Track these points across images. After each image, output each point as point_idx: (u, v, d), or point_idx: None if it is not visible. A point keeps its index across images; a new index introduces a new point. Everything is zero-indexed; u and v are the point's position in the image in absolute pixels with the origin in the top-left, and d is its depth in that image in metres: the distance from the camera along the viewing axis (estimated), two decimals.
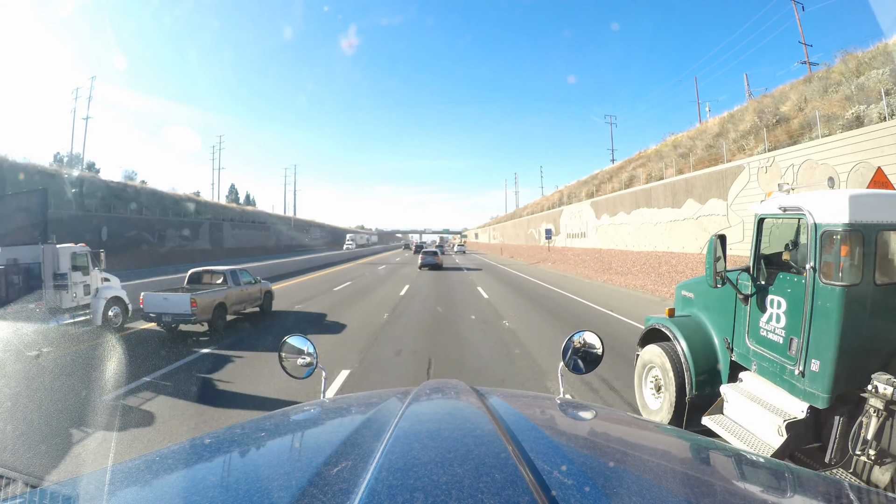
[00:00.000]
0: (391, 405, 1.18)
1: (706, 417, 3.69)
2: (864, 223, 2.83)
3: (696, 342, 4.08)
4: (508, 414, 1.08)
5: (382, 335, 8.64)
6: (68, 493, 0.82)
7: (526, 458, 0.79)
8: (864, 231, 2.83)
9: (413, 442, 0.90)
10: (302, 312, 11.60)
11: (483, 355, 7.33)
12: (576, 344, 1.83)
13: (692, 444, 1.14)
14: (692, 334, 4.14)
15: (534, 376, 6.14)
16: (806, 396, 3.02)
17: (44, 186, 12.84)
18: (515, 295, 15.38)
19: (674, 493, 0.79)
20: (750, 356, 3.56)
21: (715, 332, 4.09)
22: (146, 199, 40.86)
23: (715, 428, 3.54)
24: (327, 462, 0.80)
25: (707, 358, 4.01)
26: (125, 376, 5.82)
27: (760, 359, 3.44)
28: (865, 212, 2.84)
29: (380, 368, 6.51)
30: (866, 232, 2.83)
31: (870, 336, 2.87)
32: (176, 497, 0.77)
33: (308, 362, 1.85)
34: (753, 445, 3.21)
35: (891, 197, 3.13)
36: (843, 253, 2.83)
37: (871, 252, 2.83)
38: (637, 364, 4.72)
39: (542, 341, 8.19)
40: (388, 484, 0.69)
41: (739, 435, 3.35)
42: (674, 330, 4.22)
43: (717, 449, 1.13)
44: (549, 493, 0.67)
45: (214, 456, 0.99)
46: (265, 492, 0.74)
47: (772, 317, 3.33)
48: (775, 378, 3.28)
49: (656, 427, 1.34)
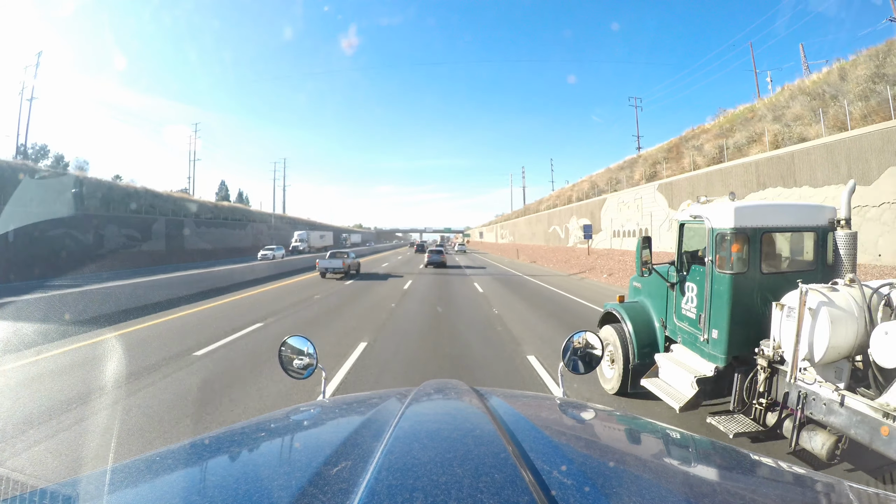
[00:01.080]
0: (391, 405, 1.18)
1: (644, 380, 4.67)
2: (748, 227, 3.82)
3: (639, 322, 5.07)
4: (508, 414, 1.08)
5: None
6: (68, 493, 0.81)
7: (526, 459, 0.79)
8: (749, 233, 3.83)
9: (413, 442, 0.89)
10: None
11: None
12: (575, 344, 1.84)
13: (692, 444, 1.14)
14: (636, 316, 5.14)
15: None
16: (711, 358, 4.00)
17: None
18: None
19: (674, 493, 0.79)
20: (677, 331, 4.59)
21: (654, 314, 5.07)
22: (94, 191, 33.05)
23: (650, 388, 4.50)
24: (327, 462, 0.80)
25: (647, 334, 5.00)
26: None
27: (683, 332, 4.47)
28: (748, 219, 3.83)
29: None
30: (751, 234, 3.83)
31: (757, 312, 3.78)
32: (176, 497, 0.77)
33: (308, 362, 1.85)
34: (676, 398, 4.10)
35: (771, 207, 4.37)
36: (734, 249, 3.82)
37: (756, 248, 3.84)
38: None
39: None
40: (387, 484, 0.69)
41: (667, 391, 4.28)
42: (622, 313, 5.23)
43: (717, 449, 1.10)
44: (549, 493, 0.67)
45: (214, 456, 0.99)
46: (265, 492, 0.73)
47: (689, 299, 4.36)
48: (692, 346, 4.28)
49: (656, 427, 1.27)
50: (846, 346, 2.99)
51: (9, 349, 7.40)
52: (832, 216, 3.98)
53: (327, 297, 14.21)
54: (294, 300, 13.52)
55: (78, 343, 7.93)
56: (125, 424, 4.46)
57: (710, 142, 20.51)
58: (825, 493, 0.87)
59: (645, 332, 4.97)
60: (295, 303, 12.96)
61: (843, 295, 3.11)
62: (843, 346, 2.99)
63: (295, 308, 12.01)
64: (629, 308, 5.24)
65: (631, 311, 5.17)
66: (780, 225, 4.02)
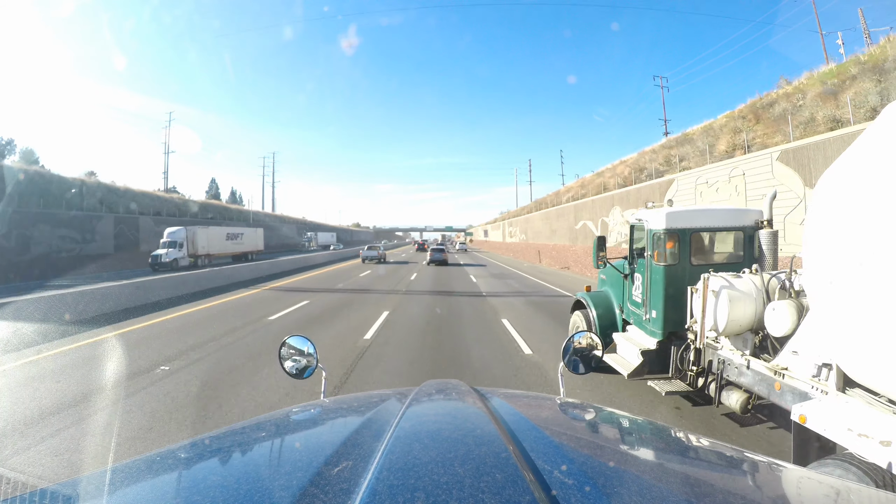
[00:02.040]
0: (391, 405, 1.18)
1: (605, 355, 5.12)
2: (677, 228, 4.70)
3: (602, 308, 6.01)
4: (509, 414, 1.09)
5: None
6: (68, 493, 0.81)
7: (526, 458, 0.79)
8: (679, 233, 4.70)
9: (413, 442, 0.89)
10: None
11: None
12: (576, 345, 1.85)
13: (692, 444, 1.14)
14: (599, 303, 6.08)
15: None
16: (652, 334, 4.88)
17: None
18: None
19: (674, 493, 0.79)
20: (630, 314, 5.50)
21: (615, 301, 5.97)
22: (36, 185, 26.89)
23: (609, 361, 5.19)
24: (328, 462, 0.80)
25: (608, 318, 5.92)
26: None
27: (633, 314, 5.37)
28: (678, 221, 4.72)
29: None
30: (681, 233, 4.71)
31: (686, 297, 4.35)
32: (176, 497, 0.76)
33: (308, 363, 1.85)
34: (626, 368, 4.93)
35: (699, 211, 5.04)
36: (667, 246, 4.69)
37: (686, 245, 4.71)
38: (570, 324, 6.71)
39: None
40: (388, 484, 0.69)
41: (620, 363, 5.11)
42: (587, 301, 6.21)
43: (718, 449, 1.10)
44: (550, 492, 0.67)
45: (214, 456, 0.99)
46: (266, 492, 0.73)
47: (637, 286, 5.24)
48: (640, 325, 5.16)
49: (657, 427, 1.29)
50: (747, 321, 3.70)
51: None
52: (758, 217, 4.72)
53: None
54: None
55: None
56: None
57: (816, 102, 15.41)
58: (825, 493, 0.87)
59: (606, 316, 5.94)
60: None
61: (746, 280, 3.83)
62: (743, 321, 3.70)
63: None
64: (594, 296, 6.25)
65: (595, 298, 6.19)
66: (708, 226, 4.94)
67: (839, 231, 2.30)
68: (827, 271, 2.38)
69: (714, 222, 4.90)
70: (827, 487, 0.90)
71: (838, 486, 0.89)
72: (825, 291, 2.43)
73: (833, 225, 2.35)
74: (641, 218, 5.20)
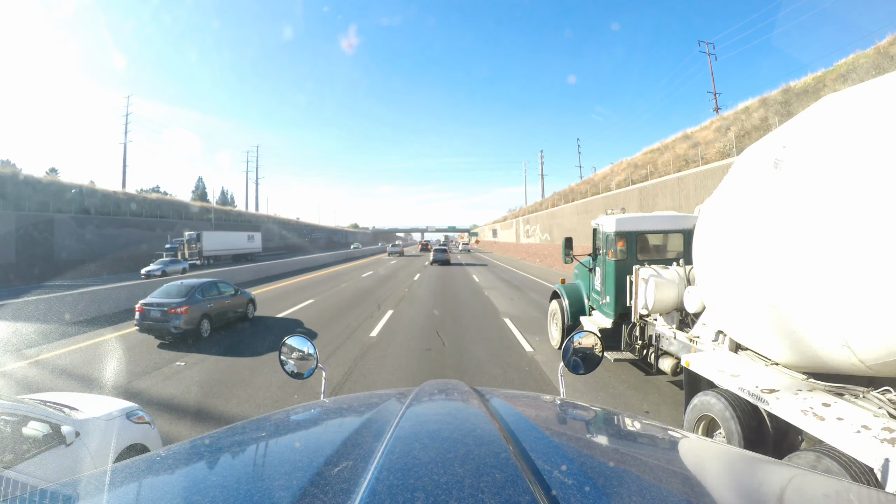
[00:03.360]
0: (391, 406, 1.18)
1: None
2: (625, 231, 5.99)
3: (573, 297, 7.41)
4: (509, 414, 1.08)
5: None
6: (68, 493, 0.80)
7: (526, 458, 0.79)
8: (627, 235, 5.98)
9: (413, 442, 0.89)
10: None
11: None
12: (576, 345, 1.86)
13: (692, 444, 1.13)
14: (570, 293, 7.50)
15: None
16: (607, 315, 6.16)
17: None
18: None
19: (674, 493, 0.79)
20: (594, 301, 6.84)
21: (583, 291, 7.34)
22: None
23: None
24: (328, 462, 0.80)
25: (578, 305, 7.30)
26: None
27: (595, 301, 6.76)
28: (626, 226, 6.01)
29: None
30: (628, 235, 5.98)
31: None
32: (176, 497, 0.76)
33: (308, 363, 1.85)
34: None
35: (644, 217, 6.39)
36: (618, 245, 5.96)
37: (633, 244, 5.97)
38: (548, 311, 8.40)
39: None
40: (388, 483, 0.68)
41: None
42: (561, 291, 7.70)
43: (717, 449, 1.10)
44: (550, 492, 0.66)
45: (214, 456, 0.99)
46: (266, 492, 0.73)
47: (597, 278, 6.57)
48: (600, 309, 6.53)
49: (656, 427, 1.27)
50: (671, 302, 4.88)
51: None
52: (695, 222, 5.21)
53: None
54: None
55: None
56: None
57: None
58: (825, 493, 0.86)
59: (576, 304, 7.32)
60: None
61: (672, 271, 5.09)
62: (668, 301, 4.88)
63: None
64: (566, 287, 7.69)
65: (567, 289, 7.62)
66: (652, 229, 6.21)
67: (709, 241, 3.50)
68: (708, 268, 3.59)
69: (658, 226, 6.28)
70: (826, 487, 0.89)
71: (837, 486, 0.89)
72: (708, 281, 3.65)
73: (706, 237, 3.57)
74: (600, 222, 6.67)
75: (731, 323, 3.47)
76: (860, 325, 2.32)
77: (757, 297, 2.91)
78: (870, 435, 2.29)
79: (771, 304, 2.80)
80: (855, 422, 2.43)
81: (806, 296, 2.54)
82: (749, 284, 2.95)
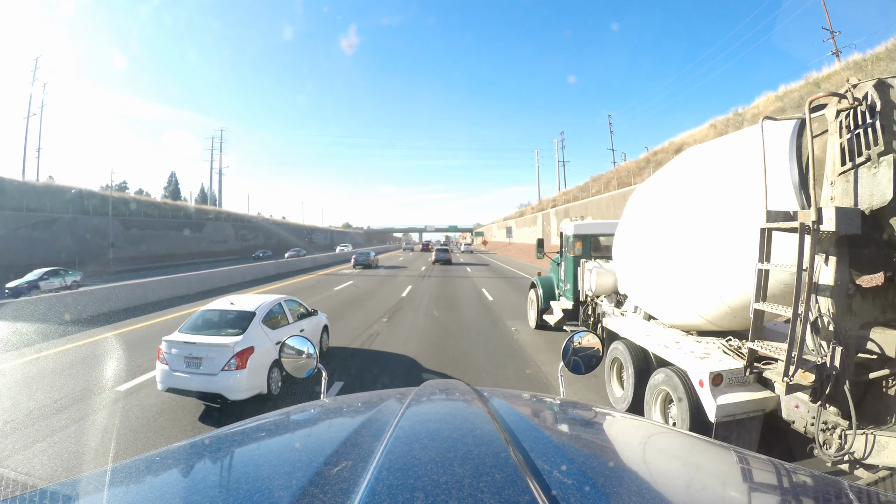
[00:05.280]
0: (391, 405, 1.17)
1: (545, 315, 8.96)
2: (583, 234, 7.95)
3: (545, 286, 9.24)
4: (508, 414, 1.08)
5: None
6: (68, 493, 0.80)
7: (526, 458, 0.78)
8: (583, 237, 7.90)
9: (413, 442, 0.89)
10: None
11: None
12: (576, 345, 1.87)
13: (692, 444, 1.13)
14: (544, 283, 9.30)
15: None
16: (568, 299, 7.99)
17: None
18: None
19: (674, 493, 0.78)
20: (561, 289, 8.59)
21: (554, 281, 9.10)
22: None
23: (547, 319, 8.82)
24: (328, 462, 0.79)
25: (549, 292, 9.17)
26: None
27: (561, 288, 8.61)
28: (582, 230, 8.06)
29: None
30: (584, 238, 7.89)
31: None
32: (176, 497, 0.76)
33: (308, 363, 1.85)
34: (552, 320, 8.51)
35: (597, 223, 8.56)
36: (576, 245, 7.83)
37: (587, 244, 7.83)
38: (528, 299, 10.31)
39: None
40: (388, 483, 0.68)
41: (550, 318, 8.64)
42: (536, 282, 9.56)
43: (717, 449, 1.10)
44: (550, 492, 0.66)
45: (214, 456, 0.98)
46: (266, 491, 0.73)
47: (563, 271, 8.39)
48: (565, 294, 8.32)
49: (656, 427, 1.29)
50: (610, 286, 6.58)
51: None
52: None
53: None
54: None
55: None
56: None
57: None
58: (825, 493, 0.86)
59: (548, 292, 9.16)
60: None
61: (610, 263, 6.53)
62: (607, 286, 6.62)
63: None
64: (541, 279, 9.44)
65: (542, 280, 9.39)
66: (601, 233, 8.00)
67: (620, 245, 5.50)
68: (621, 264, 5.54)
69: (604, 231, 7.99)
70: (826, 487, 0.89)
71: (838, 486, 0.88)
72: (622, 273, 5.56)
73: (618, 242, 5.60)
74: (563, 228, 8.79)
75: (638, 299, 5.36)
76: (702, 299, 3.92)
77: (646, 283, 4.89)
78: (693, 356, 3.75)
79: (654, 287, 4.71)
80: (687, 350, 3.91)
81: (670, 283, 4.31)
82: (641, 275, 4.98)
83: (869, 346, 2.70)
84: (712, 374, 3.35)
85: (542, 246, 9.92)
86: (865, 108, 2.55)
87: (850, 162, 2.61)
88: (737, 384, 3.40)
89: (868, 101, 2.54)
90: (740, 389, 3.38)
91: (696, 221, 3.80)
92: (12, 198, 29.45)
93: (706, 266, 3.71)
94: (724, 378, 3.37)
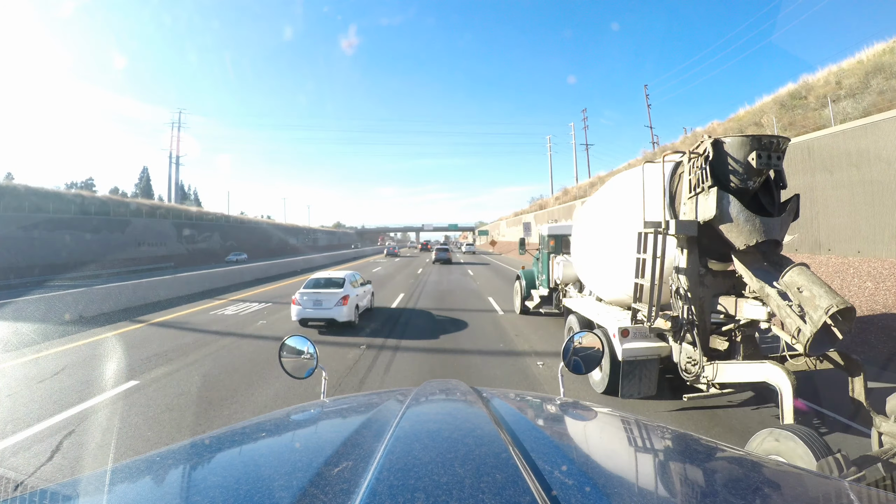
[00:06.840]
0: (391, 405, 1.18)
1: (527, 302, 10.88)
2: (555, 234, 10.13)
3: (527, 278, 10.99)
4: (509, 414, 1.08)
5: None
6: (68, 493, 0.80)
7: (527, 458, 0.78)
8: (556, 237, 10.06)
9: (414, 442, 0.89)
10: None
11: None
12: (576, 345, 1.86)
13: (692, 444, 1.13)
14: (526, 275, 11.06)
15: None
16: (545, 287, 9.99)
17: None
18: None
19: (674, 493, 0.79)
20: (540, 279, 10.33)
21: (536, 274, 10.72)
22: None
23: (528, 305, 10.82)
24: (328, 462, 0.80)
25: (530, 283, 10.88)
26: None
27: (540, 279, 10.32)
28: (555, 231, 10.25)
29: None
30: (556, 237, 10.04)
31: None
32: (176, 497, 0.76)
33: (308, 363, 1.85)
34: (532, 305, 10.64)
35: (565, 225, 10.33)
36: (550, 243, 10.02)
37: (559, 242, 9.90)
38: (513, 289, 12.14)
39: None
40: (389, 484, 0.68)
41: (531, 304, 10.66)
42: (520, 274, 11.41)
43: (717, 449, 1.10)
44: (550, 492, 0.66)
45: (214, 456, 0.98)
46: (266, 491, 0.73)
47: (540, 264, 10.31)
48: (542, 283, 10.18)
49: (656, 427, 1.27)
50: (574, 276, 8.22)
51: None
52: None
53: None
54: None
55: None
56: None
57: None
58: (825, 493, 0.86)
59: (530, 282, 10.89)
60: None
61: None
62: (571, 276, 8.29)
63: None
64: (525, 272, 11.21)
65: (525, 273, 11.15)
66: (570, 233, 8.49)
67: (574, 244, 7.39)
68: (576, 255, 7.25)
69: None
70: (826, 487, 0.89)
71: (838, 486, 0.88)
72: (577, 265, 7.24)
73: (573, 241, 7.46)
74: (540, 229, 10.82)
75: (590, 285, 6.80)
76: (622, 281, 5.29)
77: (590, 272, 6.53)
78: (614, 319, 5.35)
79: (595, 275, 6.35)
80: (612, 316, 5.54)
81: (604, 271, 5.99)
82: (587, 266, 6.60)
83: (720, 308, 4.30)
84: (620, 328, 4.89)
85: (523, 244, 13.72)
86: (703, 158, 3.92)
87: (693, 192, 4.04)
88: (640, 337, 4.87)
89: (705, 153, 3.90)
90: (642, 340, 4.85)
91: (615, 227, 5.46)
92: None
93: (621, 258, 5.18)
94: (630, 332, 4.88)
